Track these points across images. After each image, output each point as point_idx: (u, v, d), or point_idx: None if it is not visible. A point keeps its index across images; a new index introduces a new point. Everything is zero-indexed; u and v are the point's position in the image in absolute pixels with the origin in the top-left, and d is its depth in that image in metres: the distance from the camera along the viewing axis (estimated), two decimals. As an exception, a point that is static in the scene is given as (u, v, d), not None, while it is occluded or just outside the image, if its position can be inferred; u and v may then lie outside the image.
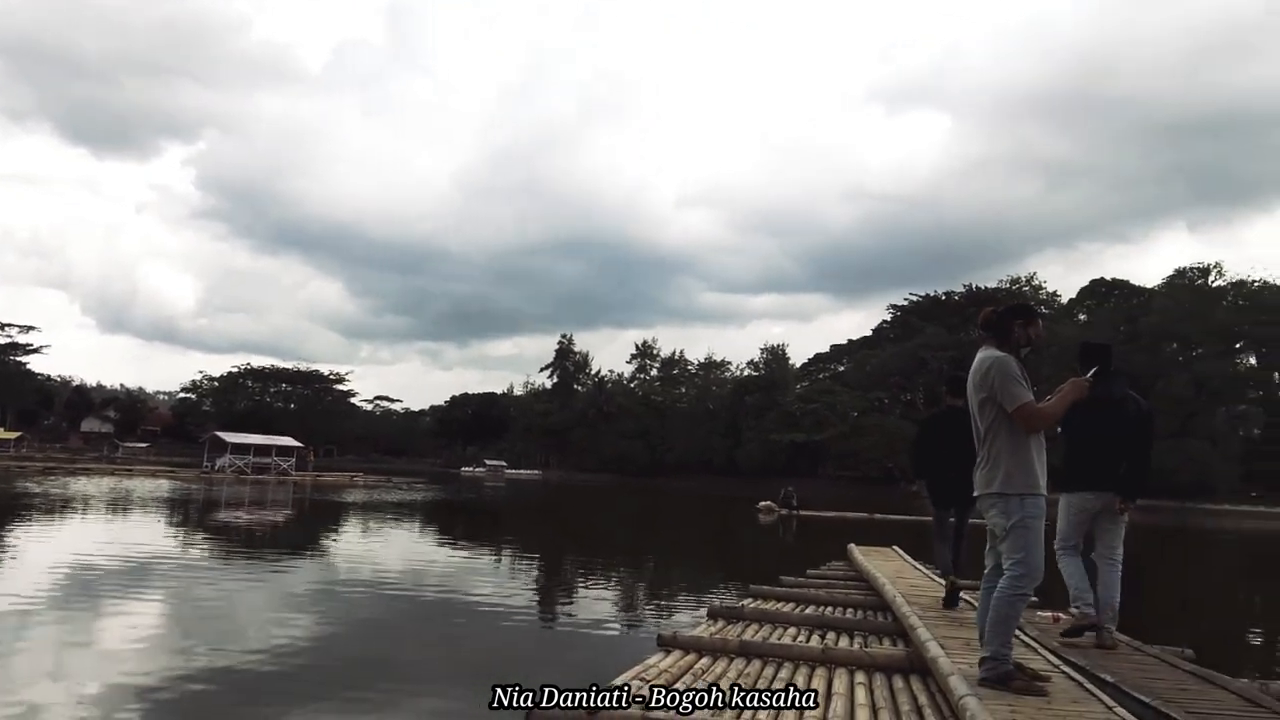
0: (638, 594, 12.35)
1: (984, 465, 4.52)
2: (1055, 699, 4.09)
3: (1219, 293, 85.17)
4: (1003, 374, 4.44)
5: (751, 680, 5.28)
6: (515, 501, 41.90)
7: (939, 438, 7.35)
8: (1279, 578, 23.22)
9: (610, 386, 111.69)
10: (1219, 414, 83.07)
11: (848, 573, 11.10)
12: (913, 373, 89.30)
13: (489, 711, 5.83)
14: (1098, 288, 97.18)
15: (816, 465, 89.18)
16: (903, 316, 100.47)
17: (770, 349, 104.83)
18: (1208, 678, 4.93)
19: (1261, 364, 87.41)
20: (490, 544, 19.01)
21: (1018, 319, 4.69)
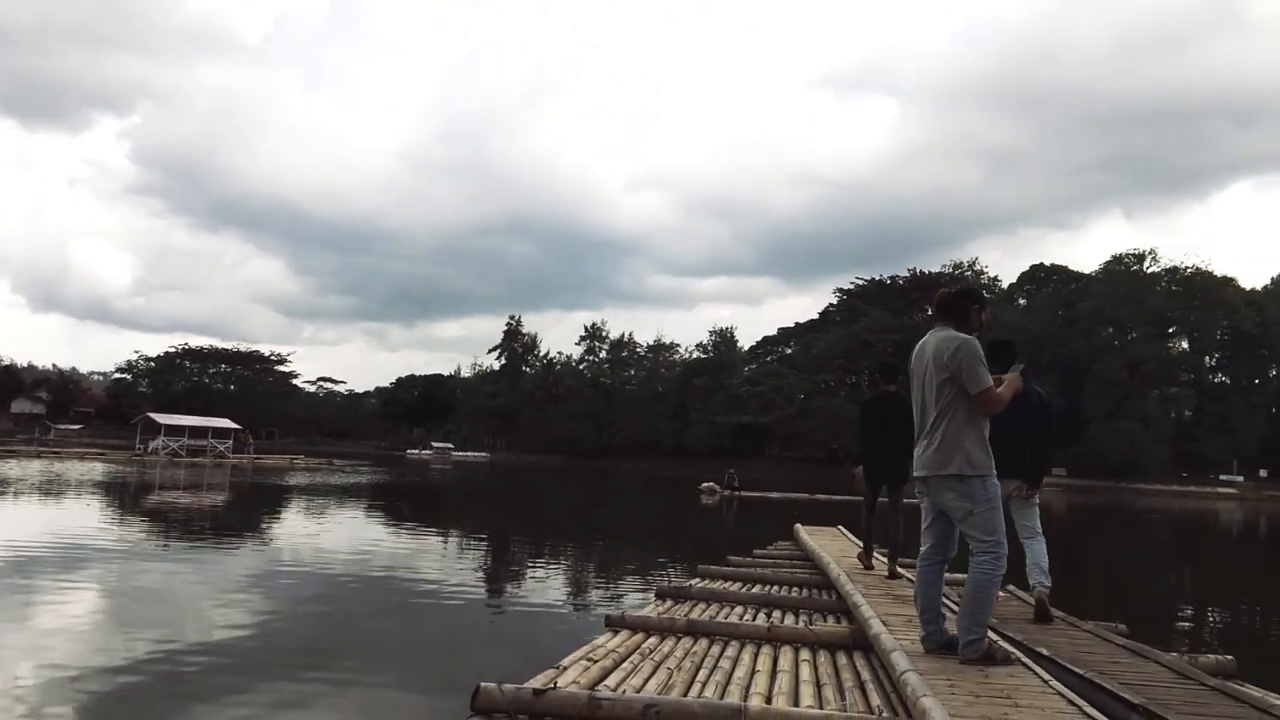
0: (586, 575, 12.36)
1: (934, 446, 4.46)
2: (993, 674, 4.17)
3: (1153, 279, 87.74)
4: (971, 355, 4.44)
5: (698, 658, 5.30)
6: (462, 484, 41.64)
7: (879, 420, 7.74)
8: (1207, 556, 24.09)
9: (559, 368, 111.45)
10: (1151, 397, 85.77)
11: (794, 552, 11.22)
12: (858, 355, 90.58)
13: (434, 695, 5.80)
14: (1037, 273, 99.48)
15: (763, 447, 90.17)
16: (848, 300, 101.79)
17: (719, 332, 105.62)
18: (1140, 652, 5.07)
19: (1193, 348, 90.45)
20: (437, 527, 18.86)
21: (974, 302, 4.76)
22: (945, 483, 4.44)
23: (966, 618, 4.41)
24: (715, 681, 4.77)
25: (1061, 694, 3.80)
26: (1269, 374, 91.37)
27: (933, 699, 3.55)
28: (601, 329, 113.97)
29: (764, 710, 4.07)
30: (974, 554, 4.46)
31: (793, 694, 4.59)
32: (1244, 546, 28.34)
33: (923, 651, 4.58)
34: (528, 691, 4.18)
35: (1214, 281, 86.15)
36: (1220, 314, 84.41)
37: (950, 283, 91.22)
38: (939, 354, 4.49)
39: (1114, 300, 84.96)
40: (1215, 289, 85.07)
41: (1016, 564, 6.28)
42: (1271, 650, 9.69)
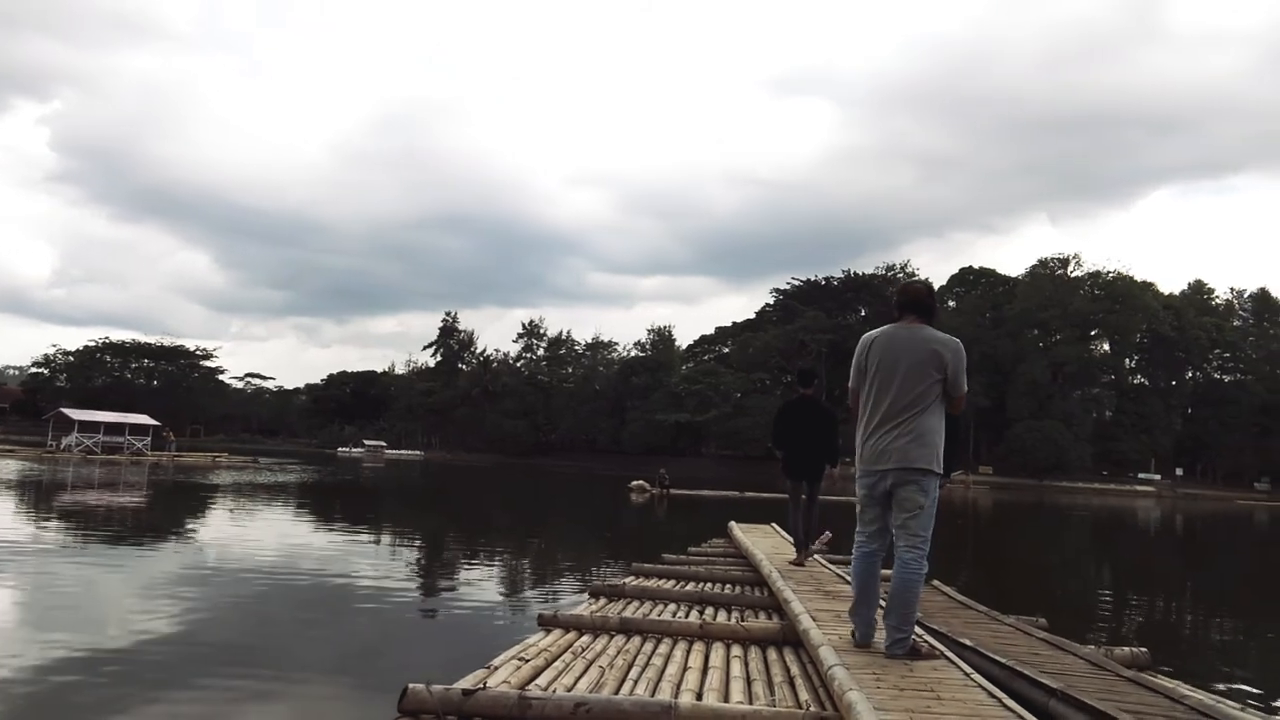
0: (520, 575, 12.29)
1: (909, 439, 4.44)
2: (917, 667, 4.25)
3: (1077, 282, 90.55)
4: (962, 359, 4.52)
5: (631, 656, 5.30)
6: (395, 482, 41.05)
7: (796, 422, 8.31)
8: (1125, 551, 24.96)
9: (496, 365, 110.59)
10: (1074, 397, 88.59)
11: (728, 550, 11.31)
12: (793, 355, 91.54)
13: (362, 697, 5.70)
14: (966, 275, 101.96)
15: (700, 445, 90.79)
16: (785, 300, 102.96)
17: (657, 330, 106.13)
18: (1058, 644, 5.23)
19: (1113, 350, 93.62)
20: (368, 526, 18.55)
21: (935, 301, 4.79)
22: (912, 475, 4.44)
23: (895, 614, 4.46)
24: (647, 679, 4.77)
25: (982, 686, 3.89)
26: (1185, 376, 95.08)
27: (858, 693, 3.60)
28: (539, 326, 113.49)
29: (694, 707, 4.09)
30: (904, 550, 4.50)
31: (723, 690, 4.62)
32: (1160, 543, 29.45)
33: (852, 646, 4.64)
34: (456, 692, 4.13)
35: (1134, 286, 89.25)
36: (1140, 318, 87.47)
37: (883, 284, 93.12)
38: (934, 354, 4.47)
39: (1039, 303, 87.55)
40: (1135, 293, 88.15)
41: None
42: (1184, 644, 10.08)
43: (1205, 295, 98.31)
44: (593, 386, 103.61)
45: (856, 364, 4.71)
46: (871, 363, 4.60)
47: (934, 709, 3.57)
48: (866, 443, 4.59)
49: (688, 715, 3.95)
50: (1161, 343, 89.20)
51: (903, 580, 4.44)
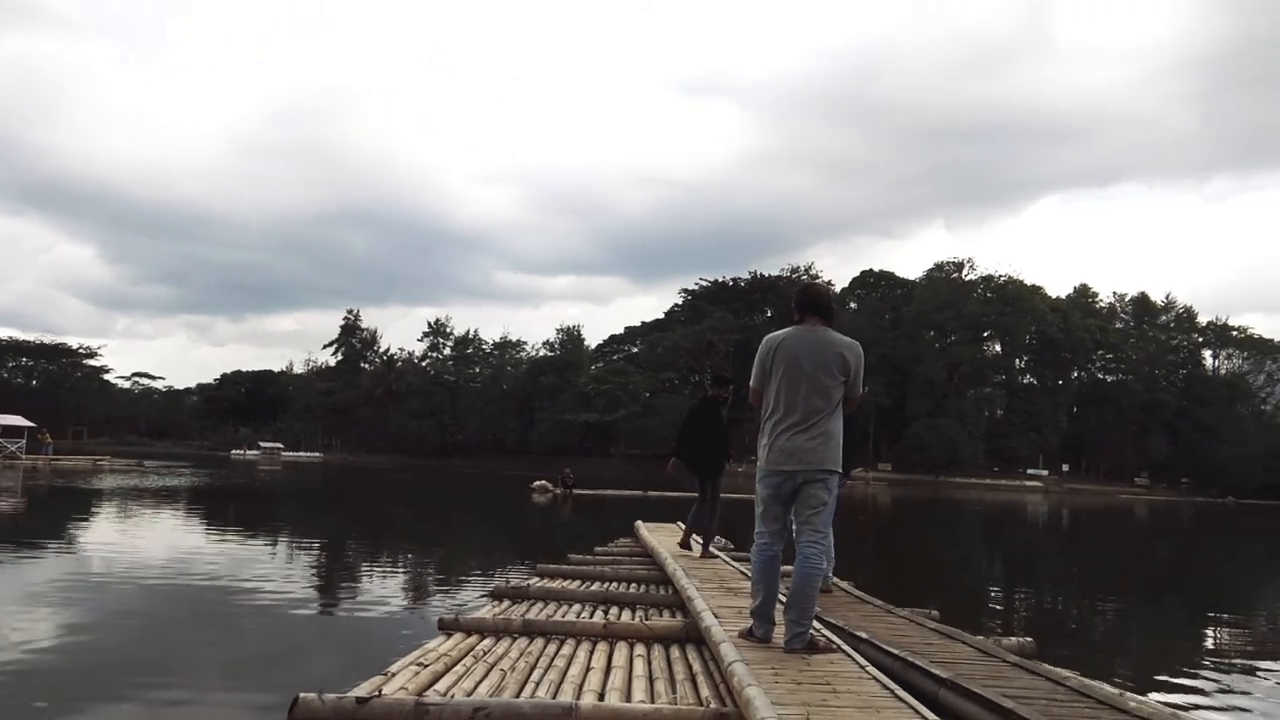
0: (421, 578, 12.05)
1: (818, 441, 4.52)
2: (815, 661, 4.33)
3: (970, 286, 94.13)
4: (862, 362, 4.65)
5: (533, 658, 5.27)
6: (292, 485, 39.82)
7: (708, 423, 8.79)
8: (1015, 545, 26.02)
9: (400, 365, 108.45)
10: (968, 396, 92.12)
11: (634, 549, 11.34)
12: (701, 354, 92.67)
13: (255, 707, 5.49)
14: (867, 278, 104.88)
15: (609, 445, 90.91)
16: (693, 301, 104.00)
17: (566, 330, 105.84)
18: (950, 634, 5.40)
19: (1005, 351, 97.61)
20: (263, 531, 17.92)
21: (833, 303, 4.89)
22: (819, 475, 4.53)
23: (795, 609, 4.53)
24: (549, 681, 4.75)
25: (876, 678, 3.98)
26: (1071, 376, 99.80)
27: (757, 689, 3.64)
28: (446, 325, 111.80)
29: (595, 708, 4.08)
30: (805, 545, 4.58)
31: (626, 689, 4.63)
32: (1047, 537, 30.81)
33: (753, 642, 4.68)
34: (350, 700, 4.03)
35: (1024, 290, 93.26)
36: (1029, 320, 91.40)
37: (788, 286, 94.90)
38: (839, 357, 4.56)
39: (935, 305, 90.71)
40: (1025, 297, 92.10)
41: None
42: (1067, 633, 10.54)
43: (1089, 299, 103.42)
44: (500, 386, 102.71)
45: (760, 365, 4.74)
46: (777, 364, 4.64)
47: (830, 702, 3.64)
48: (774, 443, 4.62)
49: (589, 716, 3.94)
50: (1049, 344, 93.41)
51: (803, 574, 4.52)
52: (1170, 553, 26.43)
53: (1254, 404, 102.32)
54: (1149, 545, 28.95)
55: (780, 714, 3.37)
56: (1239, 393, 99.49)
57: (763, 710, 3.38)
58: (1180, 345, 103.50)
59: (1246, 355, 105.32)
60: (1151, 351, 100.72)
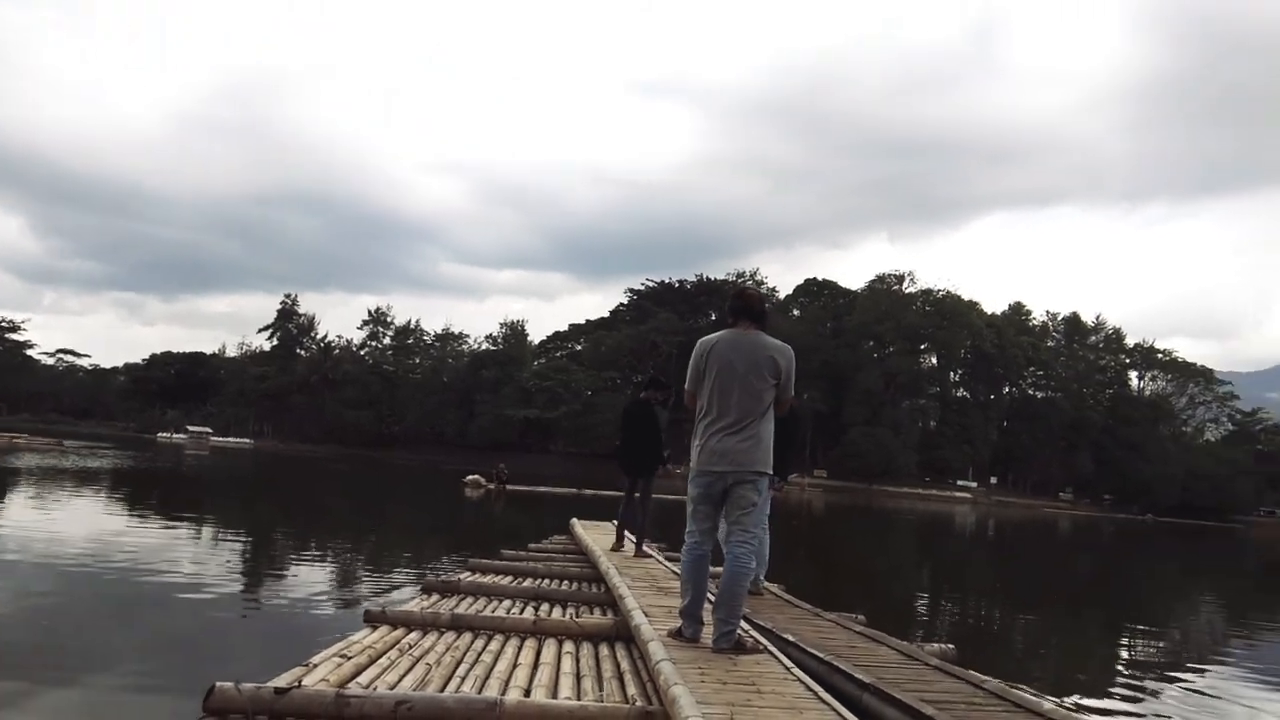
0: (351, 571, 11.85)
1: (749, 443, 4.56)
2: (741, 662, 4.35)
3: (910, 298, 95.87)
4: (793, 366, 4.69)
5: (460, 653, 5.20)
6: (220, 472, 38.87)
7: (642, 424, 8.95)
8: (943, 554, 26.58)
9: (338, 352, 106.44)
10: (904, 406, 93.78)
11: (568, 546, 11.29)
12: (644, 354, 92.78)
13: (171, 697, 5.34)
14: (811, 286, 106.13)
15: (549, 441, 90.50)
16: (639, 300, 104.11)
17: (510, 324, 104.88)
18: (875, 638, 5.49)
19: (940, 364, 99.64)
20: (187, 517, 17.44)
21: (765, 308, 4.94)
22: (749, 476, 4.57)
23: (723, 608, 4.55)
24: (475, 676, 4.70)
25: (801, 680, 4.02)
26: (1003, 391, 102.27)
27: (682, 687, 3.65)
28: (387, 314, 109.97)
29: (520, 703, 4.04)
30: (735, 545, 4.60)
31: (552, 686, 4.61)
32: (973, 547, 31.53)
33: (682, 641, 4.69)
34: (269, 690, 3.93)
35: (961, 304, 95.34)
36: (965, 334, 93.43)
37: (733, 289, 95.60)
38: (771, 360, 4.61)
39: (876, 316, 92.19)
40: (962, 312, 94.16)
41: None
42: (989, 640, 10.81)
43: (1023, 316, 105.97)
44: (441, 378, 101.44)
45: (695, 367, 4.77)
46: (711, 367, 4.68)
47: (754, 702, 3.66)
48: (706, 445, 4.65)
49: (513, 712, 3.90)
50: (983, 359, 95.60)
51: (732, 574, 4.55)
52: (1090, 567, 27.24)
53: (1175, 425, 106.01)
54: (1070, 559, 29.81)
55: (705, 713, 3.38)
56: (1162, 414, 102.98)
57: (687, 709, 3.38)
58: (1108, 365, 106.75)
59: (1170, 378, 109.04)
60: (1080, 370, 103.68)
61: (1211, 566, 31.23)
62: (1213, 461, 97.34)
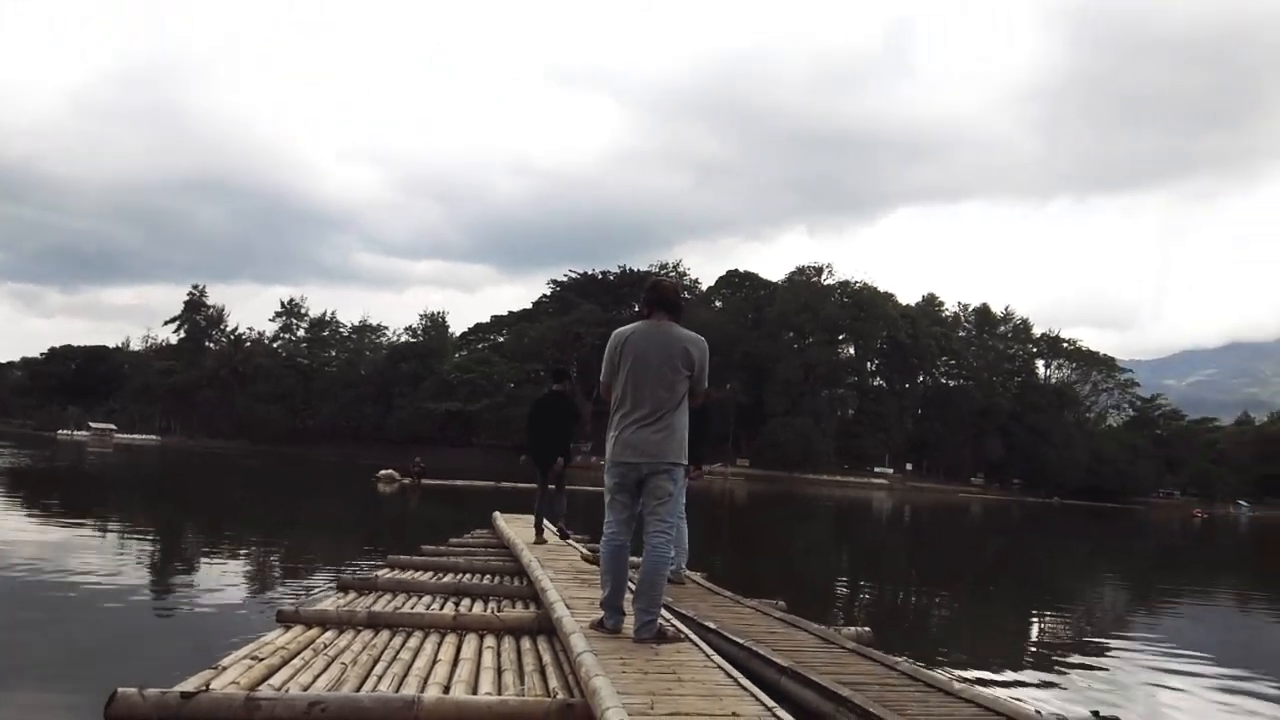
0: (264, 570, 11.53)
1: (663, 434, 4.57)
2: (663, 650, 4.37)
3: (828, 290, 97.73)
4: (707, 357, 4.71)
5: (378, 651, 5.11)
6: (125, 469, 37.40)
7: (552, 416, 9.24)
8: (860, 539, 27.21)
9: (249, 345, 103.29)
10: (823, 396, 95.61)
11: (490, 540, 11.19)
12: (568, 347, 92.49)
13: (72, 704, 5.12)
14: (732, 278, 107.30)
15: (471, 434, 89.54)
16: (561, 292, 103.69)
17: (430, 316, 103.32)
18: (793, 623, 5.58)
19: (858, 354, 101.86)
20: (90, 517, 16.73)
21: (681, 299, 4.94)
22: (663, 467, 4.57)
23: (644, 597, 4.56)
24: (393, 674, 4.63)
25: (721, 667, 4.06)
26: (917, 380, 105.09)
27: (604, 679, 3.64)
28: (300, 306, 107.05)
29: (438, 700, 3.99)
30: (653, 535, 4.61)
31: (472, 682, 4.56)
32: (890, 532, 32.36)
33: (604, 633, 4.69)
34: (175, 695, 3.80)
35: (877, 296, 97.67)
36: (881, 325, 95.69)
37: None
38: (685, 352, 4.62)
39: (795, 308, 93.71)
40: (878, 303, 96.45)
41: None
42: (904, 622, 11.11)
43: (936, 307, 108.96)
44: (358, 371, 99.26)
45: (610, 359, 4.77)
46: (626, 358, 4.68)
47: (675, 690, 3.69)
48: (621, 436, 4.66)
49: (431, 709, 3.85)
50: (898, 349, 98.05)
51: (651, 564, 4.56)
52: (1000, 549, 28.24)
53: (1080, 412, 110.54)
54: (982, 541, 30.85)
55: (625, 703, 3.38)
56: (1067, 400, 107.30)
57: (608, 700, 3.38)
58: (1016, 355, 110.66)
59: (1075, 366, 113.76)
60: (990, 360, 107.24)
61: (1114, 547, 32.71)
62: (1115, 446, 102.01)
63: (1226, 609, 15.93)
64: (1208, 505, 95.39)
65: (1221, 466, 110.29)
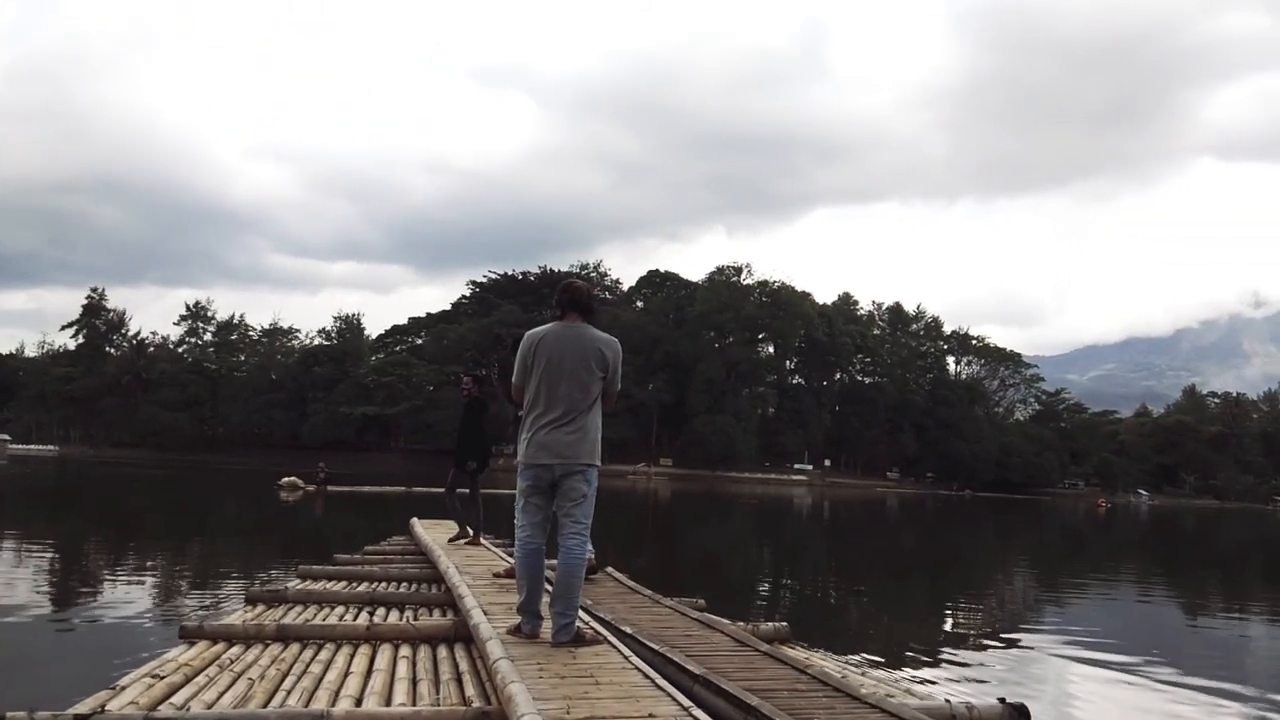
0: (168, 585, 11.09)
1: (577, 436, 4.56)
2: (580, 654, 4.35)
3: (748, 290, 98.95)
4: (620, 358, 4.71)
5: (287, 665, 4.97)
6: (20, 482, 35.63)
7: (474, 420, 9.51)
8: (780, 535, 27.61)
9: (153, 350, 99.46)
10: (744, 395, 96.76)
11: (407, 547, 10.98)
12: (488, 348, 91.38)
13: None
14: (653, 278, 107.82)
15: (389, 439, 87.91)
16: (481, 293, 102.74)
17: (344, 318, 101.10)
18: (710, 624, 5.61)
19: (777, 353, 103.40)
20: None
21: (593, 300, 4.93)
22: (577, 468, 4.56)
23: (560, 600, 4.54)
24: (303, 688, 4.52)
25: (639, 669, 4.06)
26: (834, 377, 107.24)
27: (519, 684, 3.61)
28: (207, 308, 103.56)
29: (349, 713, 3.91)
30: (568, 537, 4.59)
31: (386, 693, 4.49)
32: (809, 527, 32.94)
33: (521, 638, 4.64)
34: (67, 718, 3.62)
35: (795, 295, 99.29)
36: (799, 324, 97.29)
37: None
38: (599, 353, 4.62)
39: (716, 307, 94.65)
40: (796, 302, 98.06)
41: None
42: (822, 615, 11.31)
43: (852, 306, 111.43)
44: (269, 376, 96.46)
45: (522, 361, 4.75)
46: (539, 360, 4.67)
47: (592, 693, 3.67)
48: (534, 438, 4.64)
49: (342, 723, 3.75)
50: (816, 347, 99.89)
51: (567, 565, 4.55)
52: (915, 541, 29.01)
53: (989, 406, 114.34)
54: (897, 534, 31.64)
55: (541, 708, 3.35)
56: (977, 396, 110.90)
57: (523, 706, 3.34)
58: (928, 351, 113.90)
59: (983, 362, 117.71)
60: (903, 356, 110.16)
61: (1023, 537, 33.91)
62: (1022, 439, 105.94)
63: (1128, 594, 16.66)
64: (1110, 495, 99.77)
65: (1122, 457, 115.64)
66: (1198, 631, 12.32)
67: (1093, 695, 7.35)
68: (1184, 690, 7.52)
